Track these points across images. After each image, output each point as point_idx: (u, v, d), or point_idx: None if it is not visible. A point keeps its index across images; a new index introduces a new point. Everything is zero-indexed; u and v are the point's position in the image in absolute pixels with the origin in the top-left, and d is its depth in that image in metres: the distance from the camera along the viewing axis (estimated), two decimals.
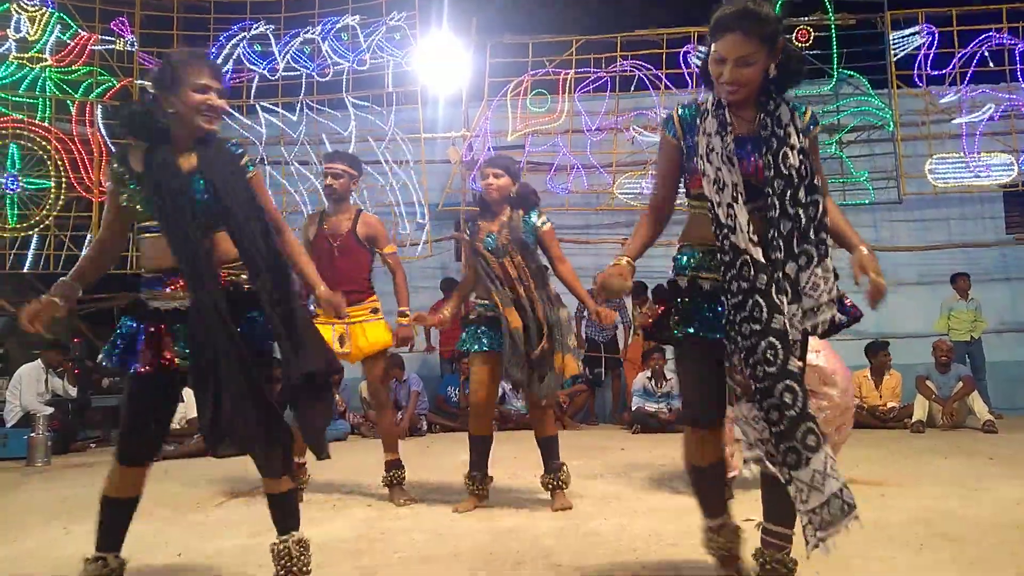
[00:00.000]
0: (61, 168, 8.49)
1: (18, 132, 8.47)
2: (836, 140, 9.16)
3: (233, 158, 2.52)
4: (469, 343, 3.99)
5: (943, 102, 9.10)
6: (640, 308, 8.03)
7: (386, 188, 9.07)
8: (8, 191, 8.40)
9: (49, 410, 6.89)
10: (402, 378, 7.98)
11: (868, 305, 2.17)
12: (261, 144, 9.20)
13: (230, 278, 2.46)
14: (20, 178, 8.42)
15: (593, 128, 9.47)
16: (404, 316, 4.29)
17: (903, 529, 3.31)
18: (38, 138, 8.51)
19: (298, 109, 9.31)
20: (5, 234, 8.32)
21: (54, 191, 8.46)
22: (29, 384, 7.14)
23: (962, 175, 9.07)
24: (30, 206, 8.45)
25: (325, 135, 9.15)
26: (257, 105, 9.31)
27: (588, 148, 9.43)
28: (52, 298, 2.40)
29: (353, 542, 3.35)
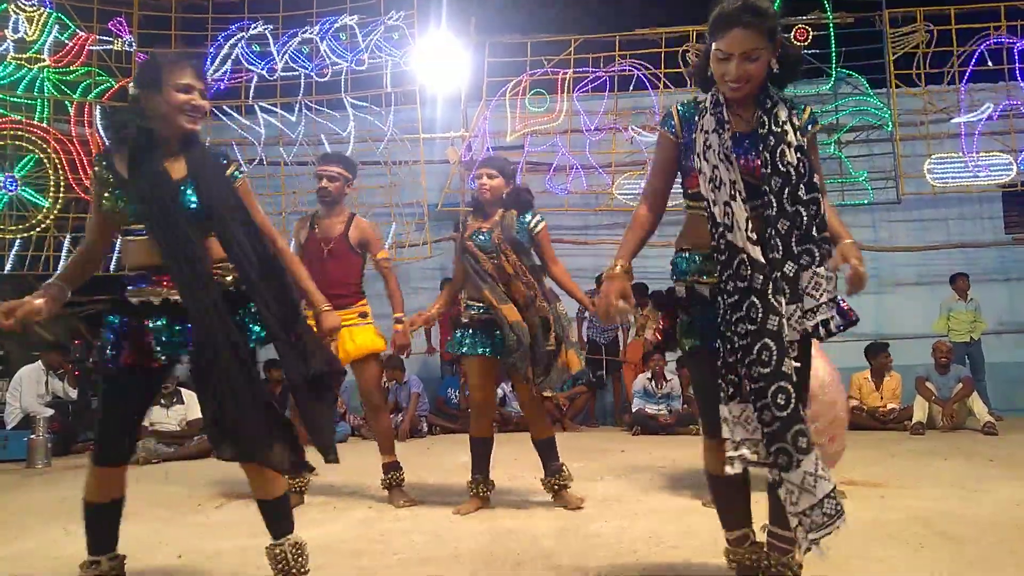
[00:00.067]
0: (59, 169, 8.48)
1: (16, 133, 8.46)
2: (835, 140, 9.15)
3: (220, 167, 2.51)
4: (460, 347, 3.96)
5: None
6: (641, 309, 8.05)
7: (385, 189, 9.08)
8: (7, 191, 8.39)
9: (49, 412, 6.87)
10: (402, 380, 7.98)
11: (846, 292, 2.16)
12: (260, 144, 9.19)
13: (217, 278, 2.44)
14: (18, 179, 8.41)
15: (592, 128, 9.45)
16: (400, 323, 4.22)
17: (903, 529, 3.31)
18: (36, 139, 8.50)
19: (297, 109, 9.29)
20: (4, 235, 8.30)
21: (52, 194, 8.45)
22: (29, 386, 7.13)
23: (961, 175, 9.06)
24: (29, 207, 8.44)
25: (324, 135, 9.14)
26: (256, 105, 9.29)
27: (587, 148, 9.42)
28: (34, 300, 2.34)
29: (353, 543, 3.35)
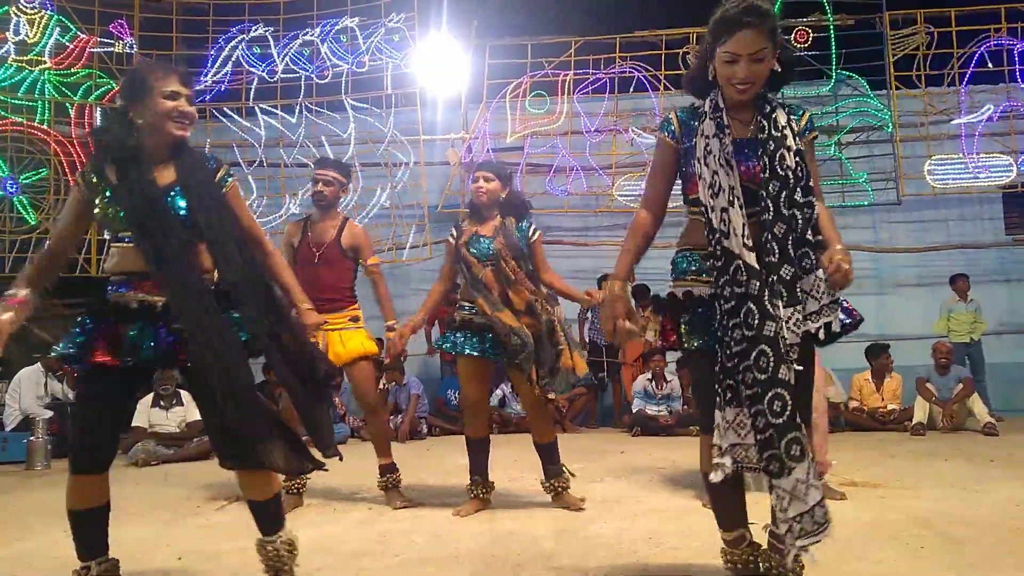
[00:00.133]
0: (60, 171, 8.49)
1: (17, 135, 8.47)
2: (835, 141, 9.15)
3: (209, 174, 2.50)
4: (450, 346, 3.95)
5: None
6: (642, 311, 8.05)
7: (385, 190, 9.09)
8: (7, 194, 8.40)
9: (49, 414, 6.87)
10: (402, 381, 7.98)
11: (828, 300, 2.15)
12: (260, 146, 9.21)
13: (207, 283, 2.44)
14: (19, 181, 8.42)
15: (592, 129, 9.46)
16: (391, 330, 4.18)
17: (903, 530, 3.31)
18: (37, 141, 8.51)
19: (297, 111, 9.30)
20: (4, 237, 8.31)
21: (52, 196, 8.46)
22: (29, 388, 7.13)
23: (961, 176, 9.07)
24: (29, 209, 8.45)
25: (324, 137, 9.16)
26: (256, 107, 9.32)
27: (587, 149, 9.43)
28: (1, 315, 2.28)
29: (353, 544, 3.35)
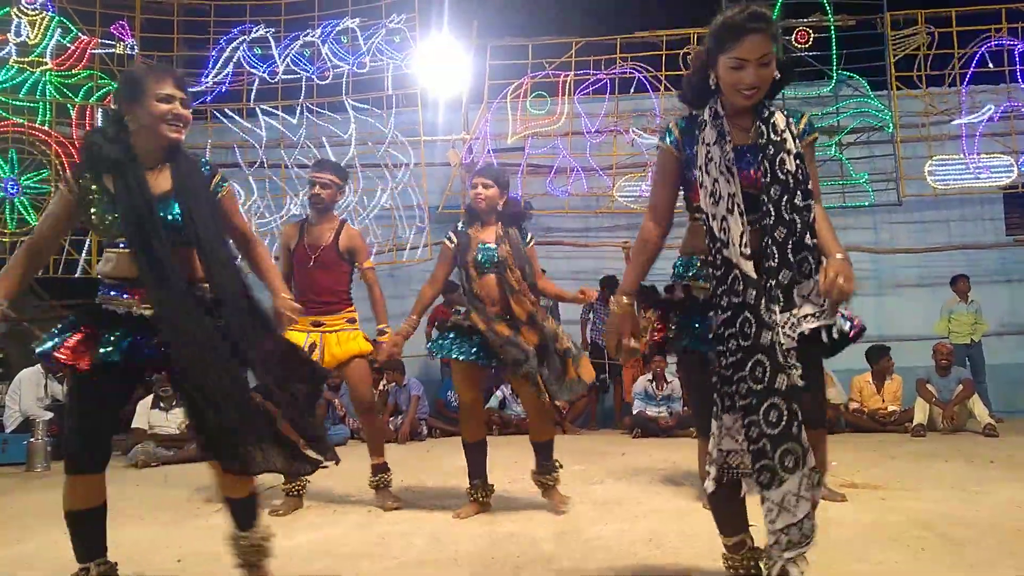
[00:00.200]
0: (61, 172, 8.49)
1: (18, 136, 8.47)
2: (836, 142, 9.14)
3: (204, 180, 2.50)
4: (440, 350, 3.96)
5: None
6: (644, 312, 8.02)
7: (386, 191, 9.09)
8: (8, 195, 8.41)
9: (49, 415, 6.86)
10: (402, 382, 7.98)
11: (828, 317, 2.14)
12: (261, 147, 9.21)
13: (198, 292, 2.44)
14: (20, 182, 8.43)
15: (593, 130, 9.45)
16: (383, 333, 4.20)
17: (903, 531, 3.31)
18: (38, 142, 8.52)
19: (298, 112, 9.30)
20: (5, 239, 8.31)
21: (53, 197, 8.47)
22: (29, 389, 7.12)
23: (962, 177, 9.05)
24: (30, 210, 8.45)
25: (325, 138, 9.16)
26: (257, 108, 9.31)
27: (588, 150, 9.42)
28: None
29: (352, 546, 3.35)
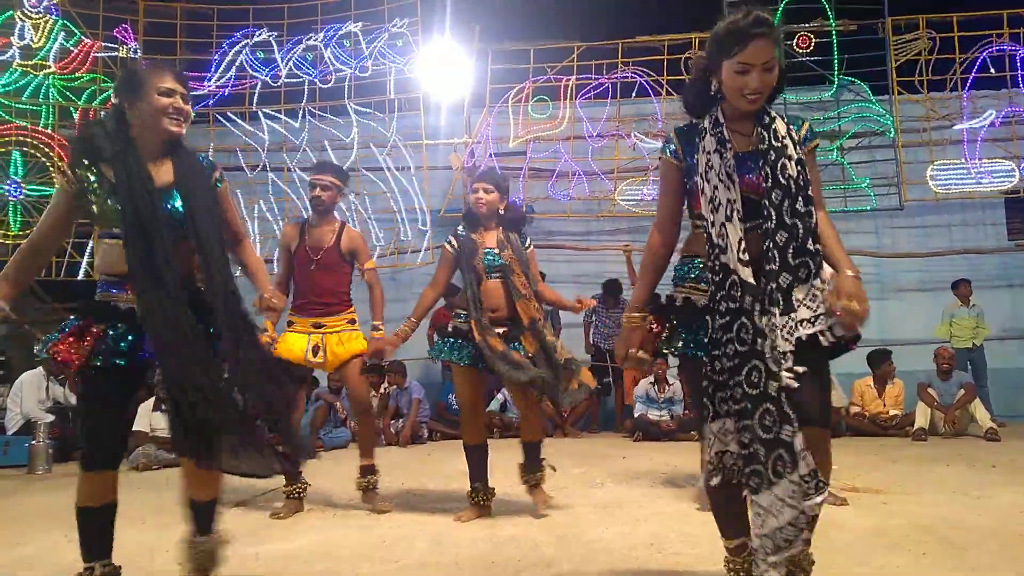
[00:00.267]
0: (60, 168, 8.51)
1: (21, 139, 8.49)
2: (837, 146, 9.15)
3: (205, 175, 2.52)
4: (440, 353, 3.99)
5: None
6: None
7: (388, 195, 9.10)
8: (11, 198, 8.42)
9: (50, 418, 6.87)
10: (403, 385, 7.98)
11: (840, 330, 2.11)
12: (263, 150, 9.24)
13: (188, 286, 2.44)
14: (23, 185, 8.45)
15: (595, 134, 9.47)
16: (377, 330, 4.24)
17: (905, 536, 3.30)
18: (41, 145, 8.54)
19: (300, 116, 9.33)
20: (8, 241, 8.32)
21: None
22: (30, 392, 7.13)
23: (963, 181, 9.06)
24: (33, 213, 8.47)
25: (327, 141, 9.18)
26: (259, 111, 9.35)
27: (590, 154, 9.44)
28: None
29: (353, 549, 3.35)
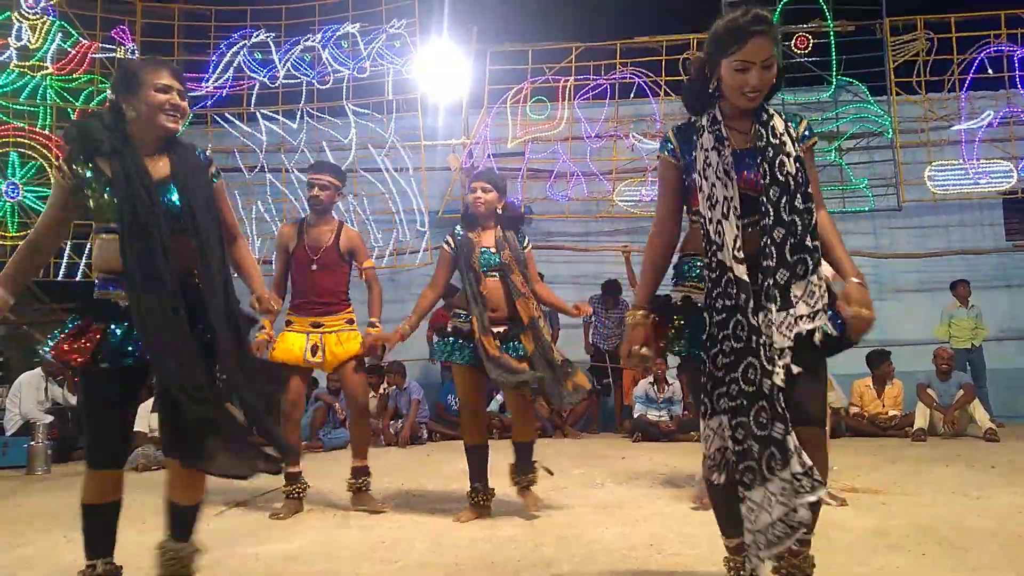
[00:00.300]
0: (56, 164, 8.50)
1: (19, 140, 8.48)
2: (835, 147, 9.16)
3: (202, 169, 2.51)
4: (441, 354, 3.99)
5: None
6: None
7: (386, 195, 9.10)
8: (9, 199, 8.41)
9: (49, 418, 6.87)
10: (403, 386, 7.97)
11: (850, 337, 2.13)
12: (261, 152, 9.24)
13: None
14: (21, 186, 8.44)
15: (593, 135, 9.47)
16: (373, 327, 4.25)
17: (904, 536, 3.30)
18: (39, 146, 8.53)
19: (298, 116, 9.33)
20: (6, 242, 8.31)
21: None
22: (29, 392, 7.13)
23: (961, 182, 9.07)
24: (31, 214, 8.46)
25: (325, 142, 9.17)
26: (257, 112, 9.35)
27: (588, 155, 9.44)
28: None
29: (353, 550, 3.35)
